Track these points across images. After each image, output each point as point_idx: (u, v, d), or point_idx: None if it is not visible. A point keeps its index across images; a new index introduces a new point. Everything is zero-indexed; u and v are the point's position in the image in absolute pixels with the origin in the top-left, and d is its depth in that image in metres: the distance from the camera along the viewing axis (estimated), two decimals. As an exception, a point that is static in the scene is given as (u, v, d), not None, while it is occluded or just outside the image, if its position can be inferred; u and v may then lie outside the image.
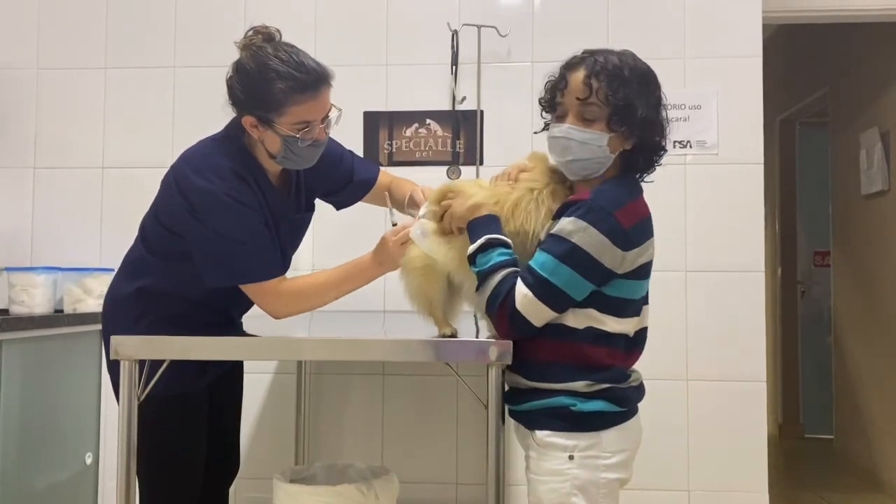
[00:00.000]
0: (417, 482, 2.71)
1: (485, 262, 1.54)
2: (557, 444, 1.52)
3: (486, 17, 2.78)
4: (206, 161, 1.75)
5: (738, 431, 2.66)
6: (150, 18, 2.92)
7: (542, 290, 1.48)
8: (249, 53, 1.72)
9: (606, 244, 1.46)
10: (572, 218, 1.48)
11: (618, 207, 1.48)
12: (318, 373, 2.80)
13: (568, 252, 1.47)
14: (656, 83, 1.57)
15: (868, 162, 4.10)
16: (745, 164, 2.72)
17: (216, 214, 1.70)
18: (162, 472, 1.87)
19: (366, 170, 2.09)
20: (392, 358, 1.68)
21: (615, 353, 1.54)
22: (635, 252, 1.50)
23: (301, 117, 1.72)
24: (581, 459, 1.50)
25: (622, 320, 1.54)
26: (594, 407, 1.51)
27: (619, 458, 1.53)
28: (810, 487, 4.07)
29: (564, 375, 1.52)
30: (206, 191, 1.70)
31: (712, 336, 2.69)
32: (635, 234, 1.50)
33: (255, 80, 1.70)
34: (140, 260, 1.88)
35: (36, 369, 2.40)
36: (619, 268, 1.49)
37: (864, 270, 4.26)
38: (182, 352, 1.64)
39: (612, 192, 1.52)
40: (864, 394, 4.27)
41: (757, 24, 2.75)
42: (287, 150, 1.75)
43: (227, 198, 1.70)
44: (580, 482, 1.50)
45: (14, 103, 2.92)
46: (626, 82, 1.51)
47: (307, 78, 1.70)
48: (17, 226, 2.90)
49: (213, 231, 1.71)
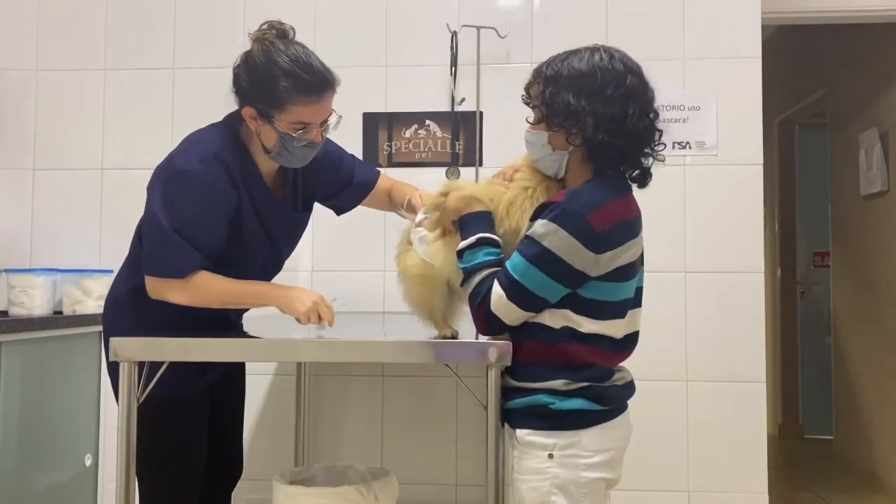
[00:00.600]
0: (417, 483, 2.71)
1: (470, 259, 1.56)
2: (537, 443, 1.52)
3: (485, 19, 2.79)
4: (196, 141, 1.77)
5: (737, 432, 2.66)
6: (149, 20, 2.92)
7: (514, 291, 1.50)
8: (261, 47, 1.73)
9: (577, 247, 1.46)
10: (544, 220, 1.49)
11: (591, 210, 1.47)
12: (317, 374, 2.80)
13: (538, 255, 1.48)
14: (607, 81, 1.52)
15: (867, 163, 4.10)
16: (745, 165, 2.72)
17: (171, 196, 1.71)
18: (162, 472, 1.87)
19: (365, 173, 2.10)
20: (392, 359, 1.69)
21: (597, 352, 1.53)
22: (610, 255, 1.48)
23: (301, 118, 1.73)
24: (561, 458, 1.50)
25: (600, 322, 1.52)
26: (573, 405, 1.51)
27: (602, 457, 1.52)
28: (810, 488, 4.07)
29: (545, 374, 1.52)
30: (175, 167, 1.72)
31: (712, 337, 2.69)
32: (610, 237, 1.48)
33: (262, 73, 1.71)
34: (138, 260, 1.87)
35: (35, 371, 2.40)
36: (593, 270, 1.48)
37: (864, 271, 4.26)
38: (181, 353, 1.64)
39: (587, 194, 1.51)
40: (864, 394, 4.27)
41: (756, 24, 2.75)
42: (282, 147, 1.76)
43: (190, 176, 1.70)
44: (560, 481, 1.50)
45: (13, 105, 2.92)
46: (559, 82, 1.54)
47: (313, 80, 1.71)
48: (17, 227, 2.90)
49: (161, 216, 1.70)
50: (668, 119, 2.75)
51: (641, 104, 1.54)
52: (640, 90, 1.54)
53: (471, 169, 2.79)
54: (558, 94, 1.54)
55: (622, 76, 1.53)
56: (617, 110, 1.51)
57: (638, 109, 1.53)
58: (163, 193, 1.72)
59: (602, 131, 1.51)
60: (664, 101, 2.72)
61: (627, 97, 1.52)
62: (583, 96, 1.52)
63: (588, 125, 1.52)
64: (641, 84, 1.56)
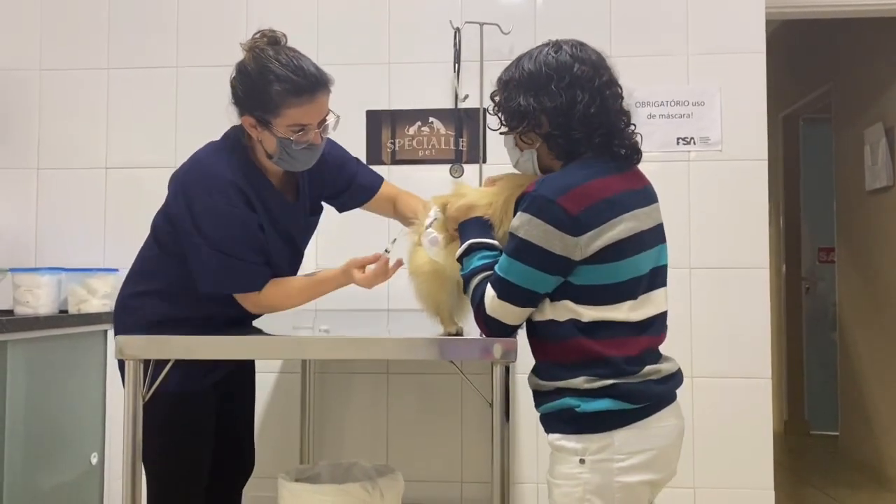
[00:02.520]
0: (422, 481, 2.71)
1: (467, 266, 1.58)
2: (568, 448, 1.49)
3: (488, 15, 2.78)
4: (210, 172, 1.79)
5: (743, 428, 2.65)
6: (152, 19, 2.92)
7: (503, 289, 1.50)
8: (252, 55, 1.76)
9: (553, 232, 1.45)
10: (519, 212, 1.50)
11: (561, 193, 1.45)
12: (322, 372, 2.80)
13: (517, 247, 1.48)
14: (551, 75, 1.52)
15: (872, 157, 4.09)
16: (749, 161, 2.71)
17: (213, 227, 1.76)
18: (169, 468, 1.89)
19: (368, 177, 2.12)
20: (397, 356, 1.69)
21: (611, 343, 1.48)
22: (590, 235, 1.45)
23: (296, 120, 1.75)
24: (593, 463, 1.46)
25: (602, 308, 1.48)
26: (600, 406, 1.47)
27: (639, 459, 1.47)
28: (816, 484, 4.06)
29: (564, 373, 1.50)
30: (207, 204, 1.76)
31: (717, 333, 2.68)
32: (587, 218, 1.45)
33: (255, 81, 1.74)
34: (153, 258, 1.91)
35: (41, 370, 2.40)
36: (575, 254, 1.46)
37: (869, 266, 4.24)
38: (186, 351, 1.65)
39: (556, 179, 1.50)
40: (870, 390, 4.25)
41: (760, 19, 2.74)
42: (283, 152, 1.79)
43: (225, 212, 1.76)
44: (592, 486, 1.46)
45: (17, 104, 2.92)
46: (511, 85, 1.58)
47: (304, 82, 1.73)
48: (22, 227, 2.90)
49: (209, 243, 1.76)
50: (672, 115, 2.74)
51: (591, 90, 1.52)
52: (588, 76, 1.53)
53: (474, 166, 2.79)
54: (511, 97, 1.57)
55: (567, 67, 1.53)
56: (562, 101, 1.52)
57: (587, 96, 1.52)
58: (202, 229, 1.76)
59: (552, 125, 1.53)
60: (668, 97, 2.76)
61: (573, 86, 1.52)
62: (531, 95, 1.54)
63: (542, 122, 1.54)
64: (591, 70, 1.54)
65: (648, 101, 2.74)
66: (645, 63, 2.74)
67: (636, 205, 1.52)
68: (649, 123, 2.72)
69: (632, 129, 1.59)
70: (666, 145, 2.74)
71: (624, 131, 1.57)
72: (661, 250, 1.59)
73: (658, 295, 1.57)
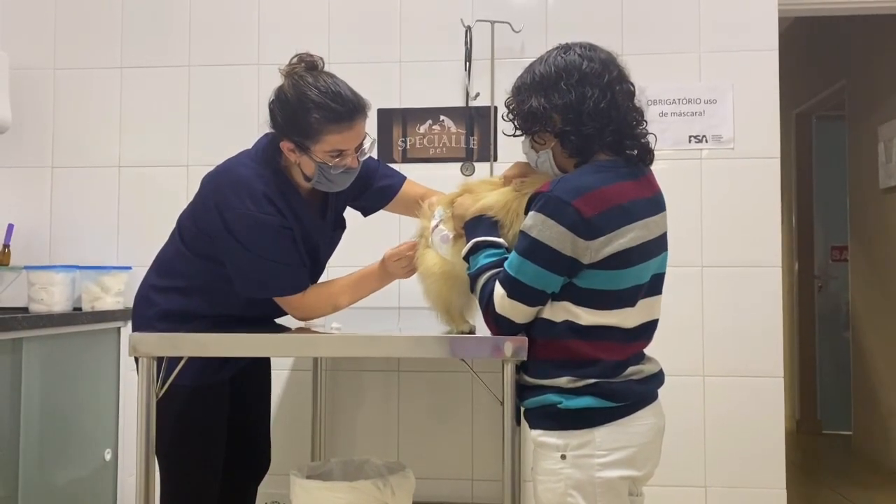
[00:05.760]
0: (433, 478, 2.71)
1: (473, 265, 1.58)
2: (550, 444, 1.51)
3: (499, 13, 2.78)
4: (243, 183, 1.80)
5: (755, 427, 2.64)
6: (165, 17, 2.93)
7: (513, 288, 1.50)
8: (291, 82, 1.77)
9: (566, 235, 1.45)
10: (532, 212, 1.49)
11: (577, 196, 1.45)
12: (333, 369, 2.81)
13: (529, 247, 1.48)
14: (560, 74, 1.53)
15: (886, 155, 4.06)
16: (762, 159, 2.70)
17: (250, 235, 1.77)
18: (182, 462, 1.91)
19: (389, 177, 2.12)
20: (407, 354, 1.69)
21: (602, 346, 1.50)
22: (602, 240, 1.46)
23: (335, 146, 1.76)
24: (574, 459, 1.49)
25: (602, 312, 1.50)
26: (581, 403, 1.49)
27: (619, 455, 1.49)
28: (828, 483, 4.04)
29: (550, 371, 1.52)
30: (241, 213, 1.77)
31: (728, 332, 2.68)
32: (601, 223, 1.45)
33: (294, 108, 1.75)
34: (177, 255, 1.92)
35: (55, 367, 2.43)
36: (585, 257, 1.46)
37: (882, 265, 4.21)
38: (199, 348, 1.66)
39: (573, 180, 1.50)
40: (883, 389, 4.23)
41: (773, 16, 2.73)
42: (321, 175, 1.80)
43: (260, 221, 1.77)
44: (574, 482, 1.48)
45: (31, 103, 2.95)
46: (523, 89, 1.59)
47: (342, 109, 1.75)
48: (36, 225, 2.93)
49: (247, 249, 1.77)
50: (684, 112, 2.73)
51: (601, 86, 1.52)
52: (597, 72, 1.53)
53: (485, 164, 2.79)
54: (524, 101, 1.57)
55: (577, 65, 1.54)
56: (572, 98, 1.52)
57: (597, 91, 1.52)
58: (241, 240, 1.77)
59: (564, 122, 1.53)
60: (680, 95, 2.75)
61: (583, 83, 1.52)
62: (541, 95, 1.54)
63: (555, 121, 1.54)
64: (601, 66, 1.54)
65: (660, 98, 2.73)
66: (657, 60, 2.73)
67: (646, 213, 1.53)
68: (661, 121, 2.71)
69: (644, 128, 1.59)
70: (678, 143, 2.73)
71: (636, 129, 1.57)
72: (663, 259, 1.61)
73: (654, 303, 1.59)
